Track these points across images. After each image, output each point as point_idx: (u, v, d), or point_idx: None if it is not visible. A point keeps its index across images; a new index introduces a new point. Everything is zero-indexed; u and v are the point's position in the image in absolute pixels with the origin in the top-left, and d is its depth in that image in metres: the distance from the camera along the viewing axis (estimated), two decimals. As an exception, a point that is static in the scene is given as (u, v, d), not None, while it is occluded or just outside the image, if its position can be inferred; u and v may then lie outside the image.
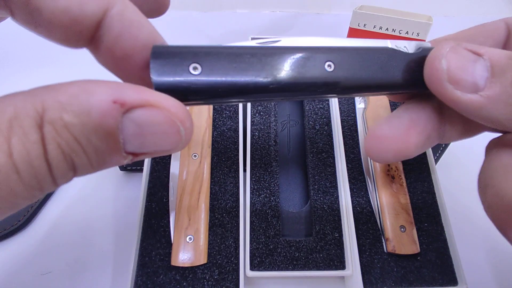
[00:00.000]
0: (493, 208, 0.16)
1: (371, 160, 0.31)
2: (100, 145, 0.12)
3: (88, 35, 0.14)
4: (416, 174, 0.31)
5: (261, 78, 0.15)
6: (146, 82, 0.14)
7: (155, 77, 0.14)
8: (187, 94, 0.14)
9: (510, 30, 0.19)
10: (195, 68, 0.14)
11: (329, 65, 0.16)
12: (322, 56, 0.16)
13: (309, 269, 0.27)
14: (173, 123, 0.13)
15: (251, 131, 0.32)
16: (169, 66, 0.14)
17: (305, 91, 0.16)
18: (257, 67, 0.15)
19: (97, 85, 0.12)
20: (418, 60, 0.17)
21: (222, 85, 0.14)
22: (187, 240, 0.27)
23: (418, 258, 0.27)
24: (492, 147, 0.17)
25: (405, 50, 0.17)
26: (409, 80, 0.17)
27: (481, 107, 0.15)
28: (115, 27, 0.14)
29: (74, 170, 0.12)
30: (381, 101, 0.33)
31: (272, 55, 0.15)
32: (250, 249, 0.27)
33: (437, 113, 0.18)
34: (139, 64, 0.15)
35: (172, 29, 0.68)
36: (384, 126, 0.18)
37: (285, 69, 0.15)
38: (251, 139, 0.32)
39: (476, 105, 0.15)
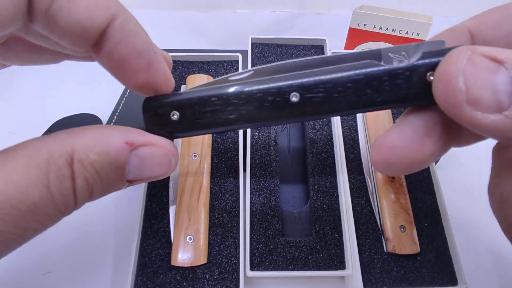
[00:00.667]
0: None
1: (371, 159, 0.31)
2: (112, 176, 0.15)
3: (93, 41, 0.16)
4: (416, 174, 0.31)
5: (229, 117, 0.17)
6: (138, 82, 0.17)
7: (148, 126, 0.18)
8: (172, 133, 0.18)
9: (472, 34, 0.17)
10: (173, 115, 0.18)
11: (295, 96, 0.16)
12: (288, 88, 0.16)
13: (309, 269, 0.27)
14: (166, 156, 0.17)
15: (251, 131, 0.32)
16: (156, 117, 0.18)
17: (272, 121, 0.17)
18: (224, 108, 0.17)
19: (113, 131, 0.16)
20: (420, 72, 0.15)
21: (197, 125, 0.18)
22: (187, 240, 0.27)
23: (418, 258, 0.27)
24: (505, 155, 0.16)
25: (403, 60, 0.16)
26: (409, 96, 0.16)
27: (507, 128, 0.12)
28: (116, 36, 0.16)
29: (90, 197, 0.15)
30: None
31: (238, 95, 0.17)
32: (250, 249, 0.27)
33: None
34: (134, 67, 0.17)
35: (172, 29, 0.68)
36: (394, 135, 0.15)
37: (250, 108, 0.17)
38: (251, 139, 0.32)
39: (500, 127, 0.12)
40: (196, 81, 0.34)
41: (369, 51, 0.17)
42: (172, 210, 0.28)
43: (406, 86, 0.15)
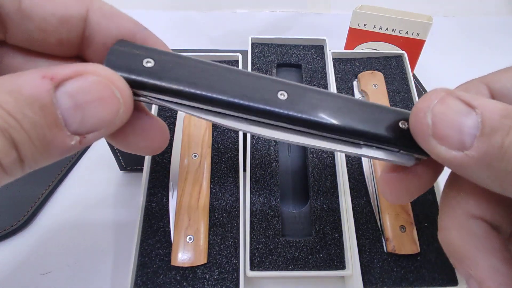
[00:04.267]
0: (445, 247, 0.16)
1: (371, 160, 0.31)
2: (37, 119, 0.12)
3: (79, 33, 0.15)
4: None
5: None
6: None
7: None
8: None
9: (491, 90, 0.17)
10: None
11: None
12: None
13: (309, 269, 0.27)
14: (105, 85, 0.13)
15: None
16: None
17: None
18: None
19: (28, 71, 0.12)
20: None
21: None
22: (187, 240, 0.27)
23: (418, 258, 0.27)
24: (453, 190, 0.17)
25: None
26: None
27: (466, 166, 0.14)
28: (102, 22, 0.15)
29: (16, 148, 0.12)
30: (380, 100, 0.33)
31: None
32: (250, 249, 0.27)
33: None
34: None
35: (172, 29, 0.68)
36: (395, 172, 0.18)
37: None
38: (251, 139, 0.32)
39: (460, 163, 0.14)
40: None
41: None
42: (172, 210, 0.28)
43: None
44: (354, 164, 0.31)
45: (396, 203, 0.18)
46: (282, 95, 0.16)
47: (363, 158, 0.31)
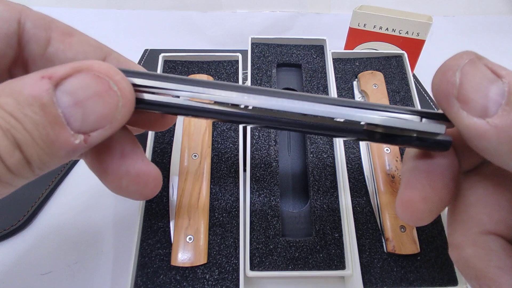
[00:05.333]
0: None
1: (371, 160, 0.31)
2: (38, 118, 0.12)
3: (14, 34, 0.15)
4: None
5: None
6: None
7: None
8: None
9: None
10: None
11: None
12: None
13: (309, 269, 0.27)
14: (101, 79, 0.13)
15: (251, 130, 0.32)
16: None
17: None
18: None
19: (28, 74, 0.13)
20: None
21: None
22: (187, 240, 0.27)
23: (418, 258, 0.27)
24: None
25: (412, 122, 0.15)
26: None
27: (486, 136, 0.13)
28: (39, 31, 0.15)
29: (20, 148, 0.12)
30: (380, 100, 0.33)
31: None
32: (250, 249, 0.27)
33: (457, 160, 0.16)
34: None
35: (172, 29, 0.68)
36: (411, 190, 0.16)
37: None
38: (251, 139, 0.32)
39: (479, 132, 0.13)
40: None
41: (367, 116, 0.16)
42: (172, 210, 0.28)
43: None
44: (354, 164, 0.31)
45: (416, 223, 0.16)
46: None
47: (362, 158, 0.31)
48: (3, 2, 0.15)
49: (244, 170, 0.30)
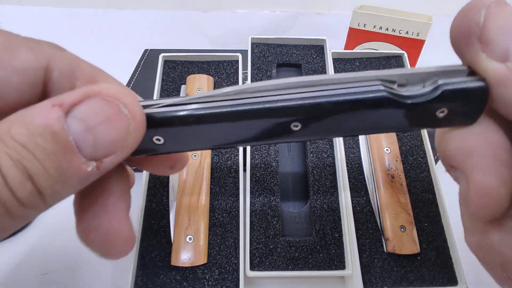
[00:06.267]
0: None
1: (371, 160, 0.31)
2: (49, 146, 0.12)
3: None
4: (416, 173, 0.31)
5: (220, 133, 0.15)
6: None
7: None
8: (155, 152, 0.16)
9: None
10: (158, 140, 0.15)
11: (295, 125, 0.15)
12: (288, 118, 0.14)
13: (309, 269, 0.27)
14: (110, 103, 0.13)
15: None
16: None
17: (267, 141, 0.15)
18: (216, 127, 0.15)
19: (39, 102, 0.12)
20: (433, 107, 0.14)
21: (182, 145, 0.16)
22: (187, 240, 0.27)
23: (418, 258, 0.27)
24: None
25: (419, 90, 0.14)
26: (413, 124, 0.15)
27: (503, 81, 0.12)
28: (62, 78, 0.15)
29: (31, 179, 0.12)
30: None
31: (234, 119, 0.14)
32: (250, 249, 0.27)
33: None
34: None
35: (172, 29, 0.68)
36: (487, 176, 0.13)
37: (243, 129, 0.15)
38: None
39: (498, 77, 0.12)
40: (196, 81, 0.34)
41: (381, 73, 0.14)
42: (172, 210, 0.28)
43: (414, 118, 0.15)
44: (354, 164, 0.31)
45: (495, 212, 0.14)
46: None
47: (362, 158, 0.31)
48: (32, 47, 0.14)
49: (244, 170, 0.30)
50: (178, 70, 0.35)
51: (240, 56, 0.36)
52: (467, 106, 0.14)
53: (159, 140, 0.15)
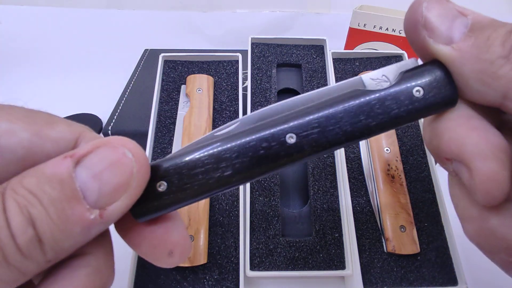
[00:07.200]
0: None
1: (371, 160, 0.31)
2: (55, 193, 0.12)
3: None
4: (416, 173, 0.31)
5: (223, 174, 0.15)
6: None
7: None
8: (158, 209, 0.16)
9: None
10: (160, 185, 0.15)
11: (291, 137, 0.15)
12: (283, 131, 0.16)
13: (309, 269, 0.27)
14: (115, 149, 0.14)
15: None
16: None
17: (270, 170, 0.16)
18: (217, 166, 0.15)
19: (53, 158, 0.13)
20: (406, 89, 0.15)
21: (188, 192, 0.15)
22: (187, 240, 0.27)
23: (418, 258, 0.27)
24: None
25: (386, 82, 0.16)
26: (400, 114, 0.16)
27: (451, 59, 0.14)
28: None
29: (34, 224, 0.12)
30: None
31: (230, 148, 0.15)
32: (250, 249, 0.27)
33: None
34: None
35: (172, 29, 0.68)
36: (489, 162, 0.14)
37: (245, 159, 0.15)
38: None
39: (446, 56, 0.14)
40: (196, 81, 0.34)
41: (349, 81, 0.17)
42: (172, 210, 0.28)
43: (396, 106, 0.16)
44: (354, 164, 0.31)
45: (502, 197, 0.14)
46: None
47: (362, 158, 0.31)
48: (68, 123, 0.15)
49: (244, 170, 0.30)
50: (178, 70, 0.36)
51: (240, 56, 0.36)
52: (435, 83, 0.15)
53: (162, 186, 0.15)
